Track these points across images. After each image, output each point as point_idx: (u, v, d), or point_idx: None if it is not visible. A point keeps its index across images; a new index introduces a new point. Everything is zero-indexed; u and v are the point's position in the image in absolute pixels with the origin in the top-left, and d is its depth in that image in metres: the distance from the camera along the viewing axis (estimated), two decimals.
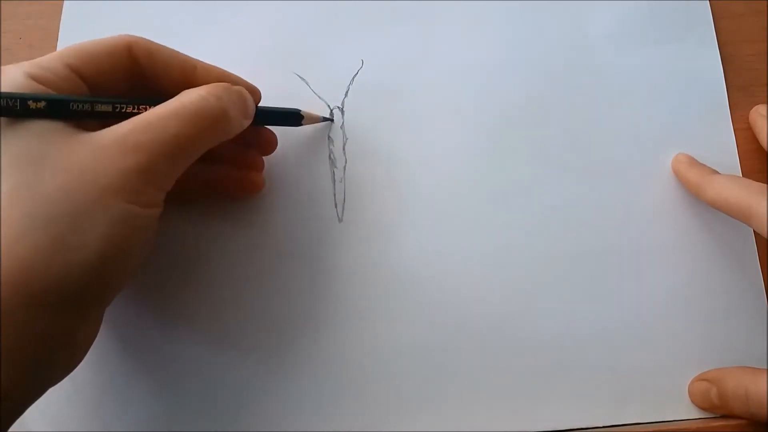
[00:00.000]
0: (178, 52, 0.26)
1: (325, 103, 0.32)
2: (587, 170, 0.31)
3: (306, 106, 0.31)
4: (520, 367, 0.29)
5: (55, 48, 0.33)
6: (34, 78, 0.23)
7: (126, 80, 0.26)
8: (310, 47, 0.33)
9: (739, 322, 0.29)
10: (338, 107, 0.32)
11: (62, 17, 0.34)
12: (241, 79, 0.28)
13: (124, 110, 0.24)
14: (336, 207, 0.31)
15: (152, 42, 0.26)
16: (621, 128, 0.32)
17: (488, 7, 0.33)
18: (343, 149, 0.32)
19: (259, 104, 0.28)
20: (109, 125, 0.23)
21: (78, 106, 0.23)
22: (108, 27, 0.33)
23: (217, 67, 0.27)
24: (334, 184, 0.31)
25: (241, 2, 0.34)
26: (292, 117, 0.30)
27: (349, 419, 0.28)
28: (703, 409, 0.28)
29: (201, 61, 0.27)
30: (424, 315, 0.29)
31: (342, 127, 0.32)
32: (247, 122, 0.27)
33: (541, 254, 0.30)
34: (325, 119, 0.32)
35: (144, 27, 0.33)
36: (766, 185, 0.26)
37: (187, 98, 0.24)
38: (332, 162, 0.31)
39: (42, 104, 0.22)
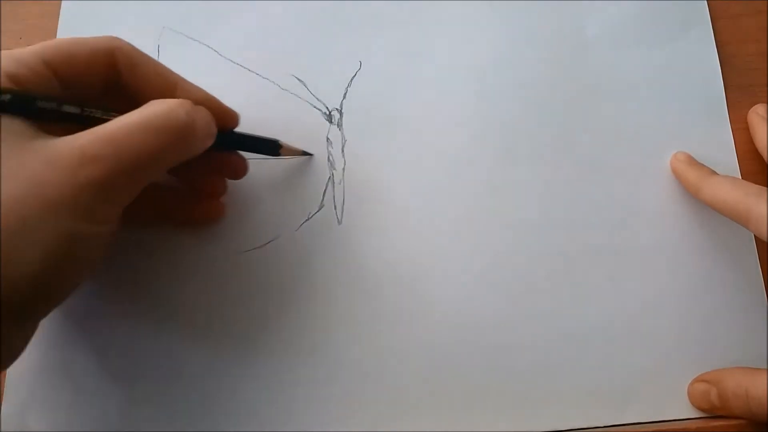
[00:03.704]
0: (162, 66, 0.25)
1: (324, 104, 0.32)
2: (587, 170, 0.31)
3: (305, 108, 0.31)
4: (520, 367, 0.29)
5: None
6: (6, 70, 0.22)
7: (102, 85, 0.25)
8: (308, 49, 0.33)
9: (739, 322, 0.29)
10: (336, 109, 0.32)
11: (60, 17, 0.34)
12: (222, 104, 0.27)
13: (91, 115, 0.23)
14: (335, 209, 0.31)
15: (138, 51, 0.25)
16: (619, 128, 0.32)
17: (486, 8, 0.33)
18: (342, 151, 0.32)
19: (237, 130, 0.28)
20: (72, 132, 0.22)
21: (45, 104, 0.22)
22: (106, 27, 0.33)
23: (198, 88, 0.26)
24: (333, 186, 0.31)
25: (239, 3, 0.34)
26: (270, 146, 0.29)
27: (349, 419, 0.28)
28: (702, 410, 0.28)
29: (184, 80, 0.26)
30: (424, 316, 0.29)
31: (341, 128, 0.32)
32: (209, 142, 0.25)
33: (541, 254, 0.30)
34: (305, 153, 0.31)
35: (142, 27, 0.33)
36: (764, 188, 0.26)
37: (154, 110, 0.23)
38: (331, 164, 0.31)
39: (7, 97, 0.21)
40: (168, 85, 0.25)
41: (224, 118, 0.27)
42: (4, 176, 0.20)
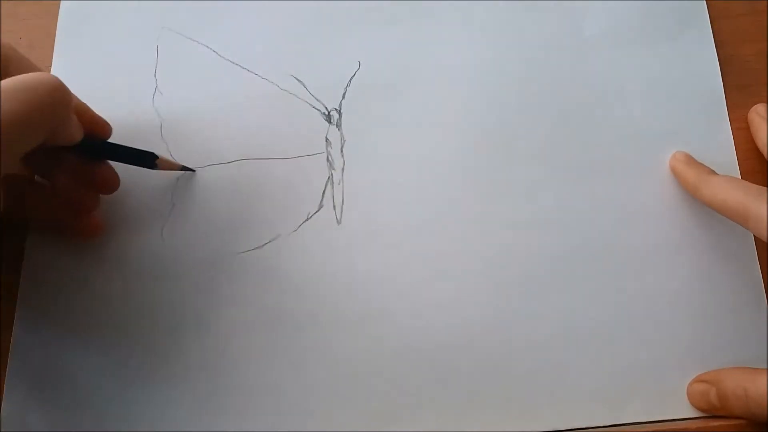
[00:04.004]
0: (30, 61, 0.27)
1: (323, 105, 0.32)
2: (586, 170, 0.31)
3: (304, 108, 0.31)
4: (520, 367, 0.29)
5: (53, 48, 0.33)
6: None
7: None
8: (307, 49, 0.33)
9: (739, 322, 0.29)
10: (336, 109, 0.32)
11: (59, 17, 0.34)
12: (94, 112, 0.28)
13: None
14: (335, 209, 0.31)
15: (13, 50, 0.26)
16: (618, 128, 0.32)
17: (485, 8, 0.33)
18: (341, 151, 0.32)
19: (110, 140, 0.29)
20: None
21: None
22: (106, 27, 0.33)
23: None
24: (333, 186, 0.31)
25: (239, 3, 0.34)
26: (145, 158, 0.29)
27: (349, 420, 0.28)
28: (702, 410, 0.28)
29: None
30: (424, 316, 0.29)
31: (340, 129, 0.32)
32: (68, 111, 0.26)
33: (540, 254, 0.30)
34: (184, 169, 0.31)
35: (141, 27, 0.33)
36: (763, 188, 0.26)
37: (25, 75, 0.24)
38: (330, 164, 0.32)
39: None
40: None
41: (96, 126, 0.28)
42: None
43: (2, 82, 0.23)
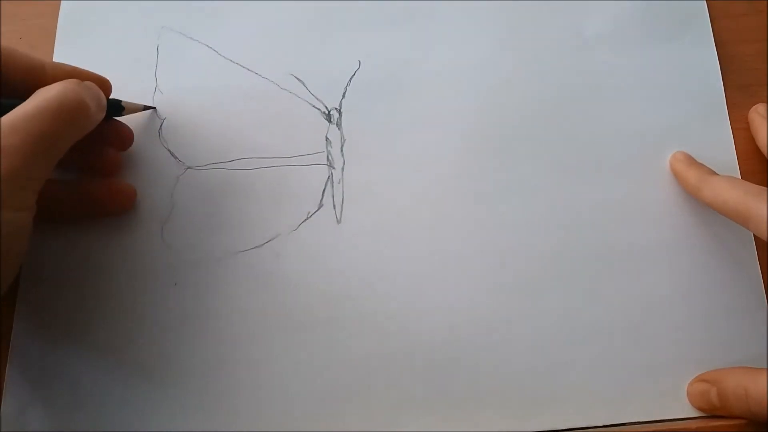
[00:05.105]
0: (25, 53, 0.27)
1: (323, 104, 0.32)
2: (586, 170, 0.31)
3: (304, 107, 0.31)
4: (520, 367, 0.29)
5: (53, 48, 0.33)
6: None
7: None
8: (307, 49, 0.33)
9: (739, 321, 0.29)
10: (336, 108, 0.32)
11: (59, 17, 0.34)
12: (92, 73, 0.28)
13: None
14: (334, 208, 0.31)
15: None
16: (619, 128, 0.32)
17: (485, 8, 0.34)
18: (341, 150, 0.32)
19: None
20: None
21: None
22: (105, 27, 0.33)
23: (66, 65, 0.28)
24: (333, 186, 0.31)
25: (239, 3, 0.34)
26: (113, 109, 0.30)
27: (349, 420, 0.28)
28: (702, 410, 0.28)
29: (50, 61, 0.27)
30: (423, 315, 0.29)
31: (340, 128, 0.32)
32: (102, 114, 0.27)
33: (540, 254, 0.30)
34: (146, 107, 0.32)
35: (140, 27, 0.33)
36: (763, 188, 0.26)
37: (45, 95, 0.24)
38: (330, 163, 0.32)
39: None
40: (35, 66, 0.27)
41: (103, 87, 0.29)
42: None
43: (25, 104, 0.24)
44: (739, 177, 0.31)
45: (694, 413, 0.28)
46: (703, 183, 0.28)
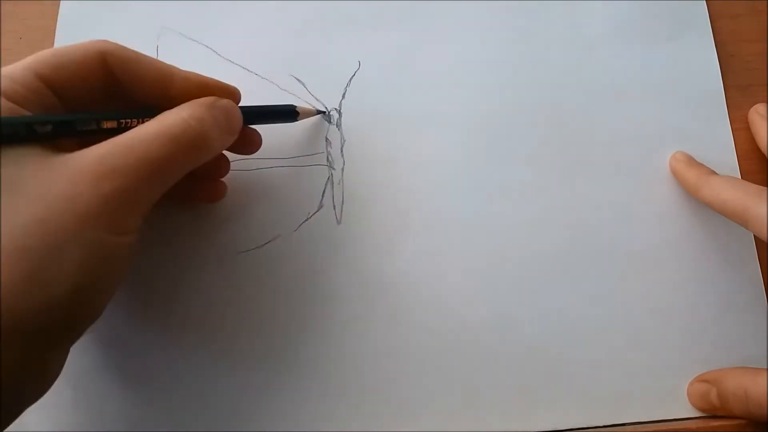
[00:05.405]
0: (154, 60, 0.25)
1: (323, 104, 0.32)
2: (586, 170, 0.31)
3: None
4: (520, 367, 0.29)
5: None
6: (6, 93, 0.22)
7: (99, 90, 0.25)
8: (307, 49, 0.33)
9: (739, 322, 0.29)
10: (335, 109, 0.32)
11: (59, 17, 0.34)
12: (221, 83, 0.27)
13: (128, 125, 0.23)
14: (334, 209, 0.31)
15: (127, 49, 0.25)
16: (619, 128, 0.32)
17: (484, 8, 0.33)
18: (341, 151, 0.32)
19: (247, 104, 0.28)
20: (86, 145, 0.22)
21: (84, 125, 0.22)
22: (105, 27, 0.33)
23: (195, 74, 0.26)
24: (333, 186, 0.31)
25: (239, 3, 0.34)
26: (286, 114, 0.30)
27: (349, 420, 0.28)
28: (702, 410, 0.28)
29: (178, 69, 0.26)
30: (424, 316, 0.29)
31: (339, 129, 0.32)
32: (233, 138, 0.26)
33: (540, 254, 0.30)
34: (319, 112, 0.32)
35: (140, 27, 0.33)
36: (763, 188, 0.26)
37: (169, 121, 0.23)
38: (330, 164, 0.31)
39: (48, 127, 0.21)
40: (165, 76, 0.25)
41: (234, 99, 0.27)
42: (33, 197, 0.20)
43: (147, 126, 0.23)
44: (739, 177, 0.31)
45: (694, 413, 0.28)
46: (703, 183, 0.28)
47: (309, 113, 0.31)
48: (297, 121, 0.30)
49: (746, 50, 0.33)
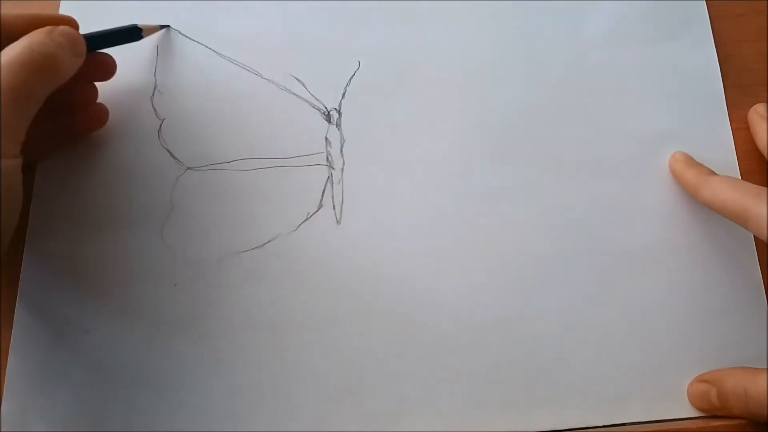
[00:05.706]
0: None
1: (323, 104, 0.32)
2: (585, 170, 0.31)
3: (303, 108, 0.31)
4: (520, 366, 0.29)
5: None
6: None
7: None
8: (306, 49, 0.33)
9: (739, 321, 0.29)
10: (335, 109, 0.32)
11: None
12: (54, 14, 0.29)
13: None
14: (334, 209, 0.31)
15: None
16: (618, 128, 0.32)
17: (485, 8, 0.34)
18: (341, 151, 0.32)
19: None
20: None
21: None
22: (104, 26, 0.33)
23: (23, 14, 0.27)
24: (332, 186, 0.31)
25: (239, 3, 0.34)
26: (130, 33, 0.30)
27: (348, 420, 0.28)
28: (702, 410, 0.28)
29: (9, 13, 0.27)
30: (423, 316, 0.29)
31: (339, 128, 0.32)
32: (80, 59, 0.27)
33: (540, 255, 0.30)
34: (162, 27, 0.32)
35: None
36: (763, 188, 0.26)
37: (15, 51, 0.25)
38: (330, 164, 0.32)
39: None
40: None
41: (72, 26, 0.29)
42: None
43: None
44: (739, 177, 0.31)
45: (694, 413, 0.28)
46: (702, 183, 0.28)
47: (153, 30, 0.32)
48: (142, 38, 0.31)
49: (746, 50, 0.33)
